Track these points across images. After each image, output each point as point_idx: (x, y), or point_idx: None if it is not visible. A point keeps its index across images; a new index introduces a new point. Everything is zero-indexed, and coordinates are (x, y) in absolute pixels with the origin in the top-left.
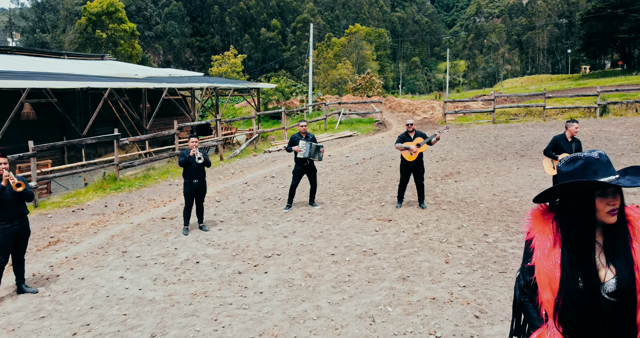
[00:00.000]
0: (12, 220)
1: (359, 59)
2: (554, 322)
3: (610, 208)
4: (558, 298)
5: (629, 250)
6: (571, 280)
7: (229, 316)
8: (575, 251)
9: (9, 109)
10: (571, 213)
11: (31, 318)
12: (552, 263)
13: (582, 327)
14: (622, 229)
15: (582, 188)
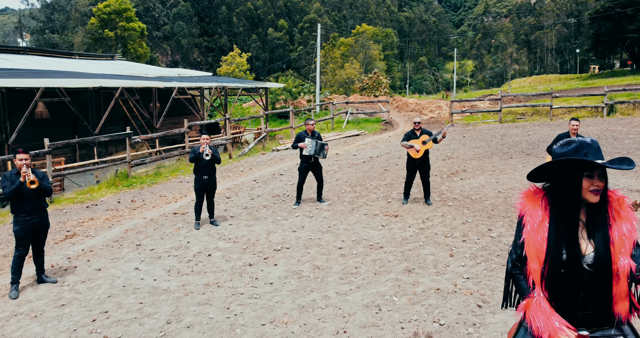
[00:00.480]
0: (31, 212)
1: (366, 59)
2: (540, 289)
3: (594, 188)
4: (544, 268)
5: (607, 228)
6: (556, 252)
7: (240, 305)
8: (561, 226)
9: (24, 108)
10: (560, 190)
11: (52, 306)
12: (540, 236)
13: (564, 294)
14: (603, 209)
15: (573, 166)
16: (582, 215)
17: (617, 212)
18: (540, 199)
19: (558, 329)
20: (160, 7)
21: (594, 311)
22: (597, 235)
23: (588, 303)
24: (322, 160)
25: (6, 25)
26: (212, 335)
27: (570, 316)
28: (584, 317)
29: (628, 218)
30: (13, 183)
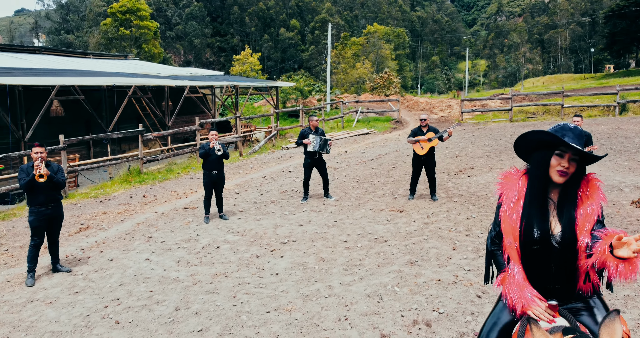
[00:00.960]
0: (45, 204)
1: (377, 59)
2: (515, 264)
3: (561, 168)
4: (518, 244)
5: (574, 208)
6: (528, 230)
7: (246, 293)
8: (533, 205)
9: (40, 106)
10: (533, 166)
11: (66, 293)
12: (515, 214)
13: (537, 269)
14: (573, 191)
15: (544, 138)
16: (554, 196)
17: (585, 194)
18: (518, 180)
19: (530, 300)
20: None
21: (564, 285)
22: (564, 214)
23: (558, 278)
24: (331, 157)
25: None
26: (218, 321)
27: (543, 289)
28: (555, 291)
29: (594, 199)
30: (28, 176)
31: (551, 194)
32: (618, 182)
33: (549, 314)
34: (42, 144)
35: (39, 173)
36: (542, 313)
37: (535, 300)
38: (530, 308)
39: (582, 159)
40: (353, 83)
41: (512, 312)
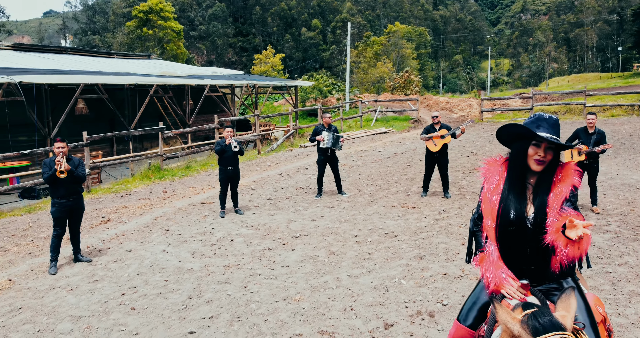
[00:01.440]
0: (66, 196)
1: (398, 58)
2: (492, 244)
3: (537, 157)
4: (496, 224)
5: (547, 193)
6: (505, 212)
7: (257, 284)
8: (511, 189)
9: (65, 104)
10: (512, 154)
11: (86, 281)
12: (495, 197)
13: (513, 250)
14: (548, 177)
15: (520, 131)
16: (532, 181)
17: (559, 178)
18: (500, 166)
19: (504, 279)
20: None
21: (538, 266)
22: (538, 198)
23: (533, 259)
24: (348, 156)
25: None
26: (229, 309)
27: (518, 270)
28: (530, 271)
29: (567, 183)
30: (51, 169)
31: (529, 179)
32: (635, 181)
33: (520, 293)
34: (63, 139)
35: (60, 169)
36: (514, 291)
37: (509, 279)
38: (503, 287)
39: (558, 147)
40: (374, 82)
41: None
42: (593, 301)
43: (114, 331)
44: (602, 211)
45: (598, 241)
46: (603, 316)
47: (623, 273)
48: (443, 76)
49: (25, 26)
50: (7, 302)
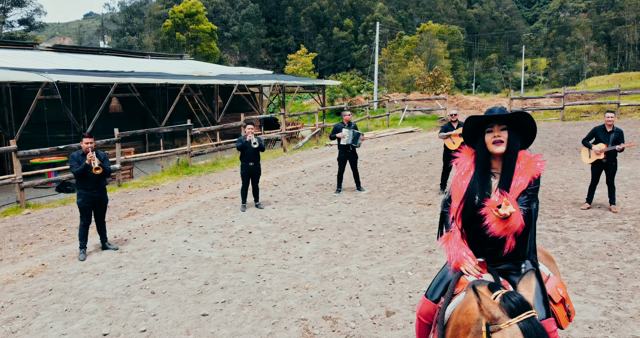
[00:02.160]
0: (92, 189)
1: (430, 57)
2: (457, 224)
3: (493, 139)
4: (462, 207)
5: (510, 180)
6: (471, 195)
7: (270, 273)
8: (478, 175)
9: (99, 103)
10: (478, 145)
11: (112, 267)
12: (464, 182)
13: (477, 232)
14: (512, 164)
15: (474, 121)
16: (498, 167)
17: (521, 169)
18: (472, 154)
19: (464, 258)
20: (230, 9)
21: (497, 248)
22: (501, 184)
23: (492, 241)
24: (371, 154)
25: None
26: (241, 295)
27: (481, 251)
28: (490, 252)
29: (527, 174)
30: (79, 164)
31: (495, 166)
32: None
33: (477, 270)
34: (91, 135)
35: (95, 167)
36: (472, 269)
37: (468, 257)
38: (463, 264)
39: (510, 126)
40: (405, 82)
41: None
42: (555, 283)
43: (134, 312)
44: (620, 210)
45: (610, 238)
46: (562, 297)
47: (630, 269)
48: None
49: (66, 28)
50: (40, 284)
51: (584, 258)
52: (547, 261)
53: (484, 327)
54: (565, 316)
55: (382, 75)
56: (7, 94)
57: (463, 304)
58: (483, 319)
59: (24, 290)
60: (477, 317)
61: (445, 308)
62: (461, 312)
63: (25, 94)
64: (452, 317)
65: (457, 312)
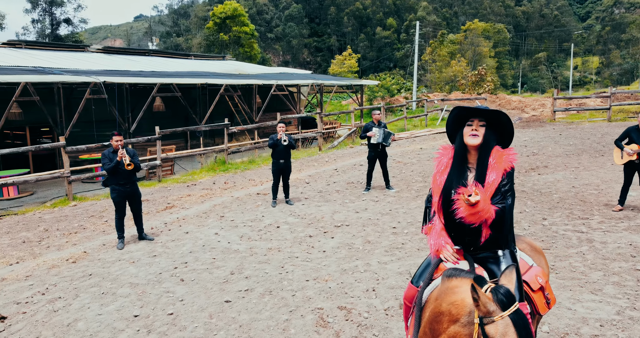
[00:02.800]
0: (124, 184)
1: (474, 56)
2: (437, 216)
3: (470, 132)
4: (441, 200)
5: (484, 174)
6: (448, 189)
7: (293, 265)
8: (455, 170)
9: (144, 102)
10: (457, 138)
11: (146, 256)
12: (442, 177)
13: (453, 221)
14: (485, 159)
15: (457, 113)
16: (473, 162)
17: (492, 164)
18: (451, 152)
19: (443, 246)
20: (273, 10)
21: (474, 237)
22: (476, 178)
23: (470, 231)
24: (404, 153)
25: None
26: (263, 284)
27: (461, 240)
28: (469, 241)
29: (499, 168)
30: (111, 161)
31: (470, 161)
32: None
33: (455, 257)
34: (120, 133)
35: (126, 163)
36: (449, 256)
37: (447, 246)
38: (442, 252)
39: (488, 124)
40: (448, 81)
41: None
42: (535, 272)
43: (163, 297)
44: None
45: (637, 240)
46: (541, 285)
47: None
48: (524, 74)
49: (117, 30)
50: (81, 269)
51: (606, 258)
52: (532, 252)
53: (477, 319)
54: (544, 303)
55: (424, 75)
56: (59, 93)
57: (447, 293)
58: (476, 312)
59: (67, 274)
60: (469, 310)
61: (423, 291)
62: (446, 301)
63: (75, 93)
64: (430, 300)
65: (436, 298)
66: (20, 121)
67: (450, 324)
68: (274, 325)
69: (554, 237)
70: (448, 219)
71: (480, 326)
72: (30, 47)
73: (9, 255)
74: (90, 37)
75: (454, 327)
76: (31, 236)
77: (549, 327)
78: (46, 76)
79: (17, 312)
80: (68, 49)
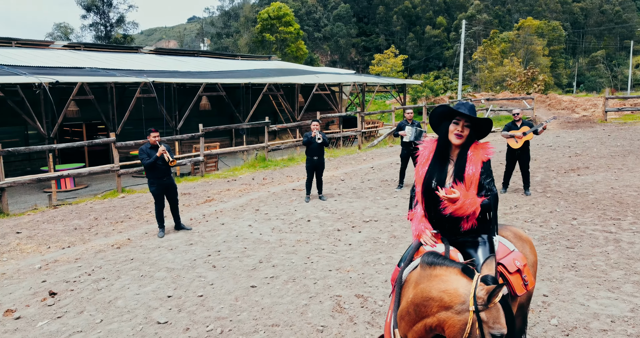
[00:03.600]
0: (162, 177)
1: (527, 55)
2: (419, 204)
3: (455, 131)
4: (422, 190)
5: (464, 167)
6: (429, 180)
7: (318, 256)
8: (436, 162)
9: (191, 101)
10: (440, 131)
11: (184, 244)
12: (424, 169)
13: (434, 208)
14: (465, 154)
15: (444, 110)
16: (454, 155)
17: (470, 156)
18: (433, 144)
19: (422, 230)
20: (322, 10)
21: (453, 223)
22: (455, 170)
23: (449, 218)
24: None
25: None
26: (288, 272)
27: (441, 226)
28: (449, 228)
29: (476, 161)
30: (149, 156)
31: (452, 155)
32: None
33: (432, 240)
34: (157, 130)
35: (170, 160)
36: (428, 239)
37: (426, 231)
38: (422, 236)
39: (474, 126)
40: (499, 81)
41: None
42: (514, 256)
43: (195, 280)
44: None
45: None
46: (519, 268)
47: None
48: (580, 73)
49: (171, 31)
50: (124, 254)
51: (630, 258)
52: (516, 239)
53: (472, 307)
54: (522, 285)
55: (473, 74)
56: (112, 92)
57: (435, 281)
58: (471, 301)
59: (111, 258)
60: (463, 299)
61: (403, 271)
62: (436, 288)
63: (127, 93)
64: (410, 280)
65: (417, 282)
66: (77, 119)
67: (440, 309)
68: (293, 308)
69: (581, 236)
70: (429, 207)
71: (475, 313)
72: (88, 49)
73: (62, 239)
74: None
75: (446, 313)
76: (82, 223)
77: (558, 321)
78: (100, 77)
79: (66, 289)
80: (122, 50)
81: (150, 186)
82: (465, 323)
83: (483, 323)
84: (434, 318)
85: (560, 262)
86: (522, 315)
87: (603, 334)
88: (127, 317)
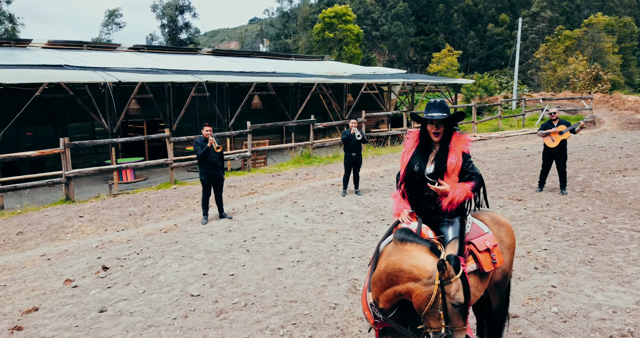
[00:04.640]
0: (212, 168)
1: (595, 53)
2: (401, 187)
3: (433, 131)
4: (404, 174)
5: (446, 156)
6: (411, 165)
7: (345, 245)
8: (419, 151)
9: (243, 100)
10: (420, 128)
11: (224, 231)
12: (408, 156)
13: (416, 194)
14: (445, 144)
15: (415, 118)
16: (437, 146)
17: (452, 146)
18: (418, 135)
19: (400, 210)
20: (380, 9)
21: (432, 205)
22: (437, 160)
23: (428, 200)
24: (487, 152)
25: (253, 33)
26: (314, 258)
27: (419, 208)
28: (427, 210)
29: (458, 151)
30: (202, 148)
31: (435, 145)
32: None
33: (408, 219)
34: (210, 124)
35: (216, 147)
36: (405, 218)
37: (404, 210)
38: (400, 215)
39: (447, 120)
40: (563, 80)
41: None
42: (485, 237)
43: (229, 262)
44: None
45: None
46: (488, 247)
47: None
48: None
49: (233, 33)
50: (170, 238)
51: None
52: (492, 223)
53: (438, 281)
54: (490, 262)
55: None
56: (169, 92)
57: (406, 255)
58: (437, 275)
59: (158, 240)
60: (430, 274)
61: (380, 243)
62: (407, 262)
63: (184, 92)
64: (385, 253)
65: (390, 254)
66: (139, 116)
67: (409, 281)
68: (312, 288)
69: (606, 234)
70: (410, 190)
71: (440, 286)
72: (151, 51)
73: (117, 223)
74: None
75: (413, 284)
76: (136, 210)
77: (559, 309)
78: (158, 76)
79: (117, 265)
80: (182, 52)
81: (200, 175)
82: (430, 294)
83: (446, 295)
84: (403, 286)
85: (578, 257)
86: (499, 293)
87: (601, 322)
88: (166, 289)
